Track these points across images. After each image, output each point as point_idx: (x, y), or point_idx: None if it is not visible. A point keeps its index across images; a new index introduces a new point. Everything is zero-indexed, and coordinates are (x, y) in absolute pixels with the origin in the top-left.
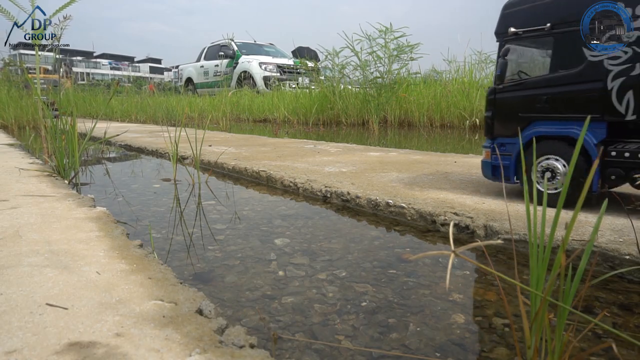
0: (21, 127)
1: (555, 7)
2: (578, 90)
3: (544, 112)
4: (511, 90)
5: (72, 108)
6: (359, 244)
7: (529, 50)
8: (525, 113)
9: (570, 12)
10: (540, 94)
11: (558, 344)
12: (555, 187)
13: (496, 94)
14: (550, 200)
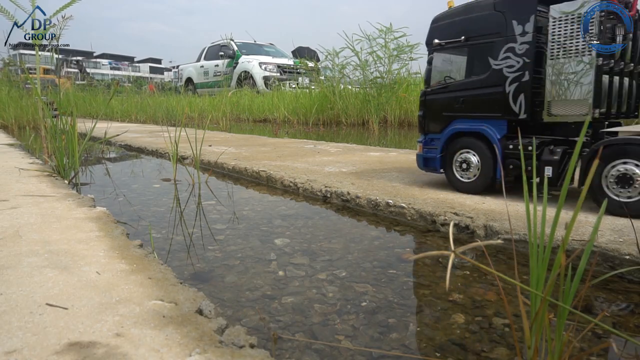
0: (21, 127)
1: (468, 23)
2: (485, 93)
3: (461, 111)
4: (437, 92)
5: (72, 108)
6: (359, 244)
7: (450, 59)
8: (448, 112)
9: (479, 27)
10: (458, 96)
11: (558, 344)
12: (469, 177)
13: (426, 96)
14: (466, 187)
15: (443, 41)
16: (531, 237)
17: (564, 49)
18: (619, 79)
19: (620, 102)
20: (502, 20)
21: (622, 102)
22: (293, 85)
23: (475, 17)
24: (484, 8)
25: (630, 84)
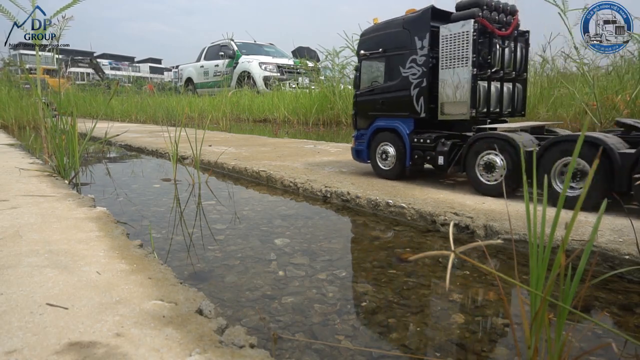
0: (21, 127)
1: (385, 37)
2: (397, 96)
3: (381, 111)
4: (364, 95)
5: (72, 108)
6: (359, 244)
7: (373, 66)
8: (372, 112)
9: (393, 41)
10: (379, 98)
11: (558, 344)
12: (388, 166)
13: (356, 97)
14: (386, 174)
15: (368, 52)
16: (531, 237)
17: (450, 61)
18: (500, 85)
19: (502, 104)
20: (408, 36)
21: (505, 104)
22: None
23: (390, 33)
24: (396, 26)
25: (513, 89)
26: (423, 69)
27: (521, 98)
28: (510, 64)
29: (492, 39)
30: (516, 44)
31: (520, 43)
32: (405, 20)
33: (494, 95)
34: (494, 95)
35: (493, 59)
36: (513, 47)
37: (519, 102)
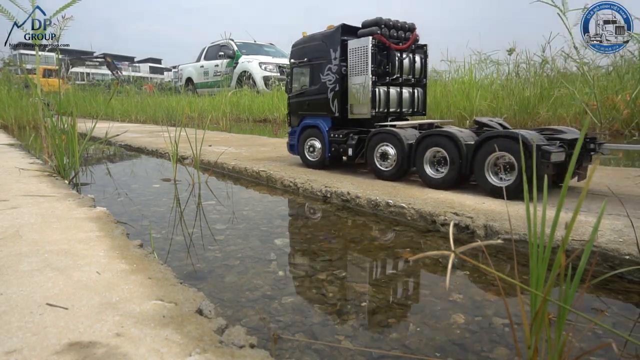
0: (21, 127)
1: (309, 49)
2: (318, 98)
3: (308, 111)
4: (295, 97)
5: (72, 108)
6: (359, 244)
7: (301, 73)
8: (301, 111)
9: (315, 52)
10: (305, 100)
11: (558, 344)
12: (315, 157)
13: (289, 99)
14: (313, 164)
15: (297, 60)
16: (531, 237)
17: (356, 69)
18: (400, 90)
19: (402, 105)
20: (325, 49)
21: (405, 105)
22: None
23: (313, 45)
24: (317, 39)
25: (413, 92)
26: (336, 76)
27: (421, 100)
28: (410, 72)
29: (390, 52)
30: (414, 55)
31: (419, 55)
32: (323, 35)
33: (394, 98)
34: (394, 98)
35: (392, 68)
36: (412, 58)
37: (419, 103)
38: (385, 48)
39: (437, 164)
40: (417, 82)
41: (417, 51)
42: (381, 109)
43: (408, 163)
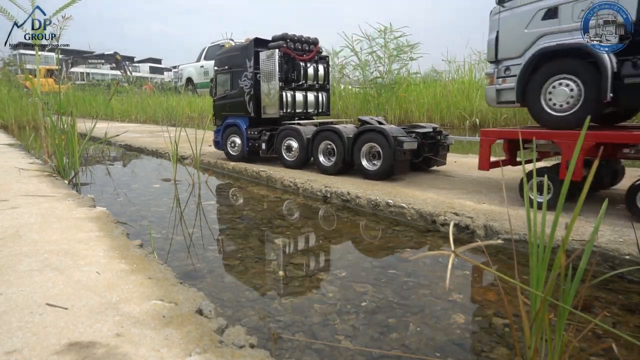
0: (21, 127)
1: (230, 58)
2: (237, 101)
3: (229, 111)
4: (218, 100)
5: (72, 108)
6: (359, 244)
7: (224, 79)
8: (224, 112)
9: (234, 61)
10: (227, 102)
11: (558, 344)
12: (236, 152)
13: (214, 102)
14: (234, 158)
15: (219, 68)
16: (531, 237)
17: (266, 77)
18: (305, 94)
19: (307, 106)
20: (242, 58)
21: (310, 107)
22: None
23: (233, 55)
24: (236, 50)
25: (317, 96)
26: (251, 81)
27: (325, 102)
28: (314, 79)
29: (295, 62)
30: (318, 65)
31: (322, 64)
32: (241, 46)
33: (300, 101)
34: (300, 101)
35: (297, 76)
36: (316, 67)
37: (323, 105)
38: (290, 59)
39: (329, 154)
40: (320, 87)
41: (320, 61)
42: (289, 110)
43: (307, 154)
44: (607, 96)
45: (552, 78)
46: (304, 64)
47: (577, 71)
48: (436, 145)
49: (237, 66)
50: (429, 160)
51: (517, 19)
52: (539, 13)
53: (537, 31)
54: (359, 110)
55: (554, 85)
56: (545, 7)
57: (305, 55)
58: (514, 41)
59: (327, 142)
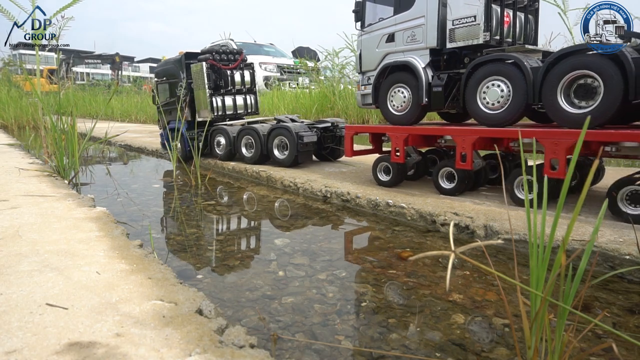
0: (21, 127)
1: (167, 70)
2: (175, 107)
3: (172, 116)
4: (163, 106)
5: (72, 108)
6: (359, 244)
7: (164, 88)
8: (167, 117)
9: (171, 72)
10: (169, 108)
11: (558, 344)
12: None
13: (158, 108)
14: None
15: (159, 79)
16: (531, 237)
17: (198, 85)
18: (234, 97)
19: (236, 108)
20: (177, 70)
21: (240, 108)
22: (293, 85)
23: (169, 67)
24: (171, 63)
25: (245, 98)
26: (186, 90)
27: (253, 103)
28: (241, 84)
29: (221, 71)
30: (244, 71)
31: (248, 70)
32: (174, 60)
33: (229, 104)
34: (229, 104)
35: (225, 83)
36: (242, 74)
37: (252, 106)
38: (217, 69)
39: (250, 147)
40: (248, 90)
41: (246, 68)
42: (219, 113)
43: (233, 148)
44: (423, 100)
45: (393, 86)
46: (230, 72)
47: (406, 81)
48: (336, 138)
49: (173, 77)
50: (334, 151)
51: (372, 40)
52: (384, 37)
53: (384, 50)
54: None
55: (394, 92)
56: (387, 32)
57: (230, 65)
58: (370, 57)
59: (247, 137)
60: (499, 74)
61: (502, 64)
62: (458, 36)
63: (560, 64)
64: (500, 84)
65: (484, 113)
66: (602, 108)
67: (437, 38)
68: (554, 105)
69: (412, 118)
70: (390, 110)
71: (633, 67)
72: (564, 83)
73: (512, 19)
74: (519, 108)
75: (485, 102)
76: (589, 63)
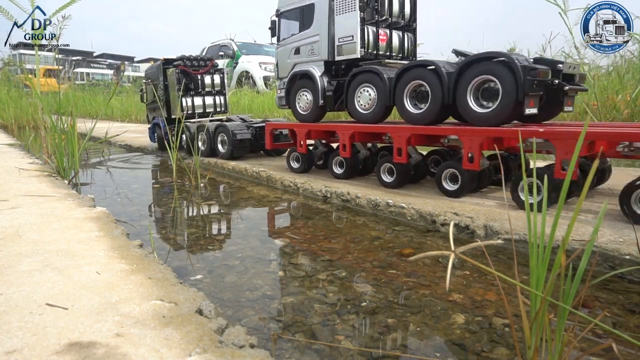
0: (21, 127)
1: (152, 73)
2: (157, 106)
3: (154, 113)
4: (149, 104)
5: (72, 108)
6: (359, 244)
7: (150, 89)
8: (152, 114)
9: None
10: (152, 106)
11: (558, 344)
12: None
13: (146, 106)
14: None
15: (146, 80)
16: (531, 237)
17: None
18: (203, 98)
19: (205, 108)
20: (157, 74)
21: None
22: None
23: (154, 71)
24: (155, 68)
25: (215, 99)
26: (164, 91)
27: (223, 103)
28: (211, 87)
29: (191, 76)
30: (214, 75)
31: (219, 74)
32: (157, 65)
33: (199, 104)
34: (199, 104)
35: (195, 86)
36: (212, 78)
37: (221, 105)
38: (187, 73)
39: (204, 143)
40: (217, 92)
41: (217, 72)
42: (189, 112)
43: (193, 142)
44: (320, 102)
45: (300, 90)
46: (200, 76)
47: (309, 87)
48: None
49: (155, 80)
50: None
51: (285, 52)
52: (293, 50)
53: (293, 61)
54: None
55: (300, 95)
56: (295, 46)
57: (200, 70)
58: (284, 66)
59: (202, 134)
60: (368, 82)
61: (370, 74)
62: (343, 51)
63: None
64: (369, 89)
65: (359, 113)
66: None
67: (328, 52)
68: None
69: (314, 117)
70: (298, 110)
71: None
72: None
73: (389, 37)
74: (381, 109)
75: (360, 104)
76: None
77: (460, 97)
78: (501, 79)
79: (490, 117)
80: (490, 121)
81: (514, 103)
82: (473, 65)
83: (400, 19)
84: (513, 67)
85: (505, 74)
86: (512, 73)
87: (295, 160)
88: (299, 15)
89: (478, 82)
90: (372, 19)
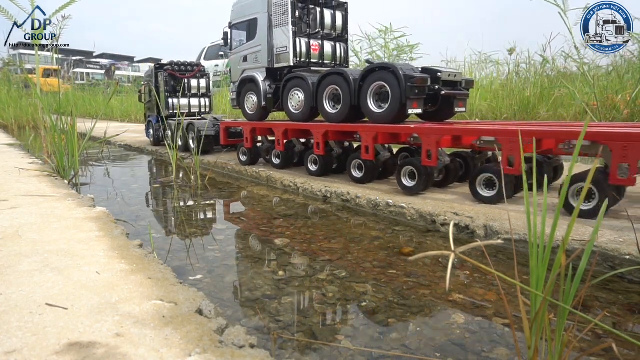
0: (21, 127)
1: (146, 77)
2: (151, 105)
3: (150, 111)
4: (147, 104)
5: (72, 108)
6: (359, 244)
7: (146, 90)
8: (148, 112)
9: (148, 79)
10: (150, 106)
11: (558, 344)
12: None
13: (144, 105)
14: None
15: (144, 82)
16: (531, 237)
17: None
18: (189, 99)
19: (191, 108)
20: (151, 77)
21: (195, 108)
22: None
23: (148, 75)
24: (150, 71)
25: (200, 100)
26: (155, 92)
27: (208, 104)
28: (197, 89)
29: (178, 79)
30: (200, 79)
31: (205, 79)
32: (151, 69)
33: (184, 104)
34: (184, 104)
35: (181, 88)
36: (198, 81)
37: (206, 106)
38: (174, 77)
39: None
40: (203, 95)
41: (203, 77)
42: (174, 111)
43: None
44: (262, 103)
45: (247, 93)
46: (186, 80)
47: (254, 90)
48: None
49: (150, 82)
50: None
51: (236, 59)
52: (242, 58)
53: (242, 67)
54: None
55: (247, 97)
56: (243, 54)
57: (187, 74)
58: (235, 72)
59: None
60: (298, 86)
61: (299, 79)
62: (280, 59)
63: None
64: (299, 93)
65: (292, 113)
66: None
67: (269, 60)
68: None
69: (259, 116)
70: (246, 111)
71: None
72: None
73: (321, 47)
74: (308, 109)
75: (292, 105)
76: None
77: (363, 99)
78: (391, 85)
79: (383, 116)
80: (383, 120)
81: (400, 105)
82: (372, 74)
83: (333, 31)
84: (398, 76)
85: (393, 81)
86: (397, 80)
87: (243, 154)
88: (247, 27)
89: (376, 87)
90: (304, 31)
